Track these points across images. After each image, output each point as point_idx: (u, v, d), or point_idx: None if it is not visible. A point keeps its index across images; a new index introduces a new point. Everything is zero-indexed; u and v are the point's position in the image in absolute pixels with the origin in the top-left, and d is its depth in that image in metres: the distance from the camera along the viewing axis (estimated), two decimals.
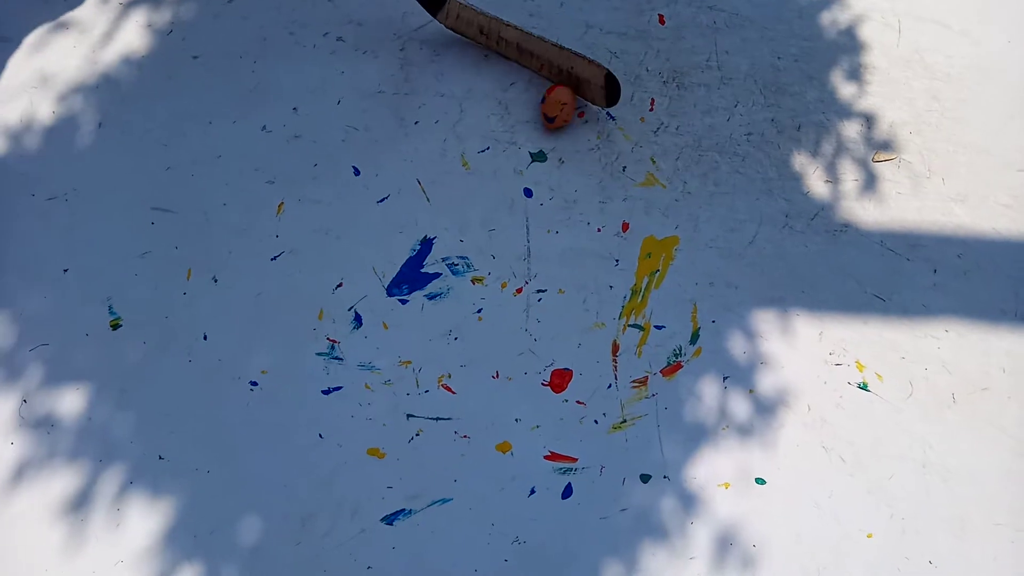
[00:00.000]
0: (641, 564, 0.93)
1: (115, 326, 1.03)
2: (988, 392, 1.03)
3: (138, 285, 1.05)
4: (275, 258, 1.07)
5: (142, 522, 0.94)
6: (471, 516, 0.95)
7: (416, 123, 1.15)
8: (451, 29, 1.16)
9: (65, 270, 1.05)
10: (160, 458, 0.97)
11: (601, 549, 0.94)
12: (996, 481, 0.98)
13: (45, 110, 1.14)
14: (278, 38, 1.19)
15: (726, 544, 0.95)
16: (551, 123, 1.12)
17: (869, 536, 0.96)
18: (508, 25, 1.13)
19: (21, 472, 0.96)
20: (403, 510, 0.95)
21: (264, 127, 1.14)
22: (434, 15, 1.15)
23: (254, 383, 1.01)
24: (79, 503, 0.95)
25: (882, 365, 1.04)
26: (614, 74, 1.10)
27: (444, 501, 0.96)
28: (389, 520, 0.95)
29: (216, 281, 1.05)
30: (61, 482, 0.96)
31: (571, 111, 1.12)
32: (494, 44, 1.16)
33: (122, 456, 0.97)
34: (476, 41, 1.16)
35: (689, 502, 0.97)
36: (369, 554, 0.93)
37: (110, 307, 1.04)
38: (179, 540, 0.93)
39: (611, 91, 1.10)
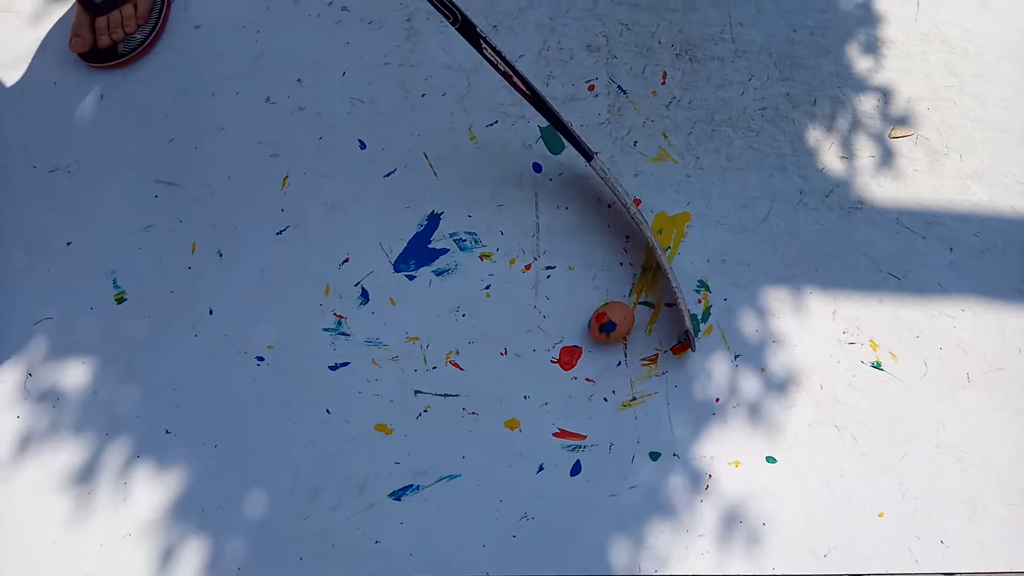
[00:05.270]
0: (649, 541, 0.93)
1: (120, 300, 1.02)
2: (1003, 372, 1.01)
3: (142, 259, 1.03)
4: (281, 232, 1.05)
5: (149, 495, 0.94)
6: (479, 492, 0.95)
7: (423, 96, 1.13)
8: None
9: (68, 243, 1.04)
10: (166, 432, 0.96)
11: (609, 526, 0.94)
12: (1010, 462, 0.97)
13: (46, 81, 1.12)
14: (282, 8, 1.17)
15: (735, 522, 0.94)
16: (607, 333, 0.98)
17: (880, 515, 0.95)
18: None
19: (26, 444, 0.95)
20: (411, 486, 0.95)
21: (268, 99, 1.12)
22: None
23: (260, 358, 1.00)
24: (85, 476, 0.94)
25: (896, 344, 1.02)
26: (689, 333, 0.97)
27: (452, 477, 0.95)
28: (397, 496, 0.95)
29: (221, 255, 1.04)
30: (67, 455, 0.95)
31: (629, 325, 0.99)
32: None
33: (128, 430, 0.96)
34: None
35: (698, 480, 0.96)
36: (377, 529, 0.93)
37: (114, 281, 1.02)
38: (186, 513, 0.93)
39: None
